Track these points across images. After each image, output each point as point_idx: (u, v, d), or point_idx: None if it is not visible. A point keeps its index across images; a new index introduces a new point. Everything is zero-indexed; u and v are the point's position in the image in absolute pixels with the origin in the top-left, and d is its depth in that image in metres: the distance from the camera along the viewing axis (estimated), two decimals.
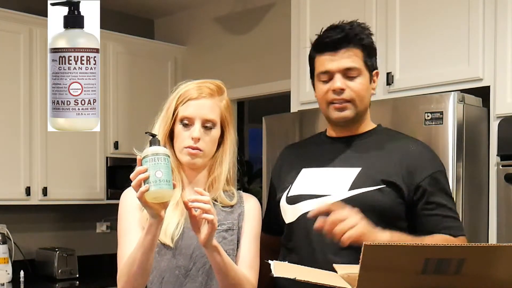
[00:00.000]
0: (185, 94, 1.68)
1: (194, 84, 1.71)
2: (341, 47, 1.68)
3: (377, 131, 1.80)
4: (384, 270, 1.12)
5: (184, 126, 1.66)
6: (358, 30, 1.70)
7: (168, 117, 1.69)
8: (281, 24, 3.78)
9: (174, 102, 1.69)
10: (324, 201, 1.67)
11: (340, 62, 1.68)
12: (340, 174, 1.71)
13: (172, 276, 1.62)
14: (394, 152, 1.72)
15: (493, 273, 1.14)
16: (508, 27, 2.35)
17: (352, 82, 1.68)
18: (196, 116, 1.66)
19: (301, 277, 1.26)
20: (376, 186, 1.66)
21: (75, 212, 4.24)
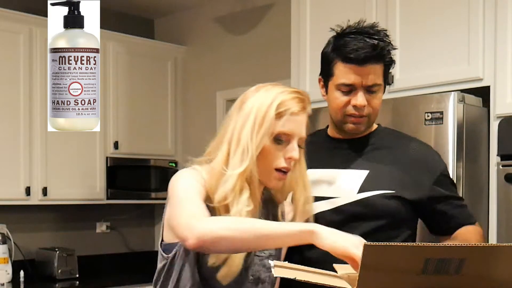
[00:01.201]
0: (286, 104, 1.42)
1: (290, 93, 1.45)
2: (369, 62, 1.63)
3: (379, 132, 1.79)
4: (384, 270, 1.11)
5: (277, 142, 1.42)
6: (384, 44, 1.65)
7: (266, 128, 1.40)
8: (281, 24, 3.77)
9: (271, 111, 1.40)
10: (333, 203, 1.67)
11: (367, 78, 1.63)
12: (348, 177, 1.70)
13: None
14: (400, 155, 1.72)
15: (493, 273, 1.14)
16: (508, 27, 2.35)
17: (372, 98, 1.67)
18: (295, 134, 1.43)
19: (301, 277, 1.26)
20: (384, 190, 1.66)
21: (75, 212, 4.23)
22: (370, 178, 1.68)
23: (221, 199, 1.39)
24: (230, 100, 4.38)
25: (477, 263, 1.11)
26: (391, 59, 1.69)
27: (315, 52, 3.15)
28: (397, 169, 1.69)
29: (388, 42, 1.67)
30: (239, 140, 1.42)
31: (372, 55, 1.62)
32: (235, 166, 1.40)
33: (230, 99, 4.37)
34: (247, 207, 1.39)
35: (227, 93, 4.34)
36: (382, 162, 1.71)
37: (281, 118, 1.42)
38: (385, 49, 1.65)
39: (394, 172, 1.68)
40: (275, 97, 1.43)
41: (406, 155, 1.72)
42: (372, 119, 1.72)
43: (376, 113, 1.72)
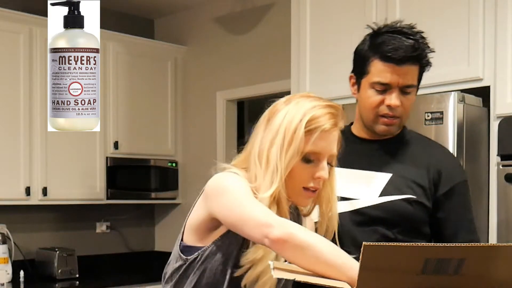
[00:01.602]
0: (316, 121, 1.34)
1: (322, 108, 1.37)
2: (407, 63, 1.62)
3: (405, 135, 1.76)
4: (384, 270, 1.11)
5: (306, 162, 1.35)
6: (424, 46, 1.65)
7: (296, 146, 1.32)
8: (281, 24, 3.77)
9: (301, 129, 1.32)
10: (353, 204, 1.65)
11: (403, 78, 1.62)
12: (370, 178, 1.68)
13: None
14: (423, 160, 1.70)
15: (493, 273, 1.14)
16: (508, 27, 2.35)
17: (405, 99, 1.65)
18: (326, 153, 1.36)
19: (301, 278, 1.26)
20: (405, 195, 1.64)
21: (75, 212, 4.24)
22: (392, 182, 1.66)
23: None
24: (230, 100, 4.38)
25: (477, 263, 1.11)
26: (428, 61, 1.67)
27: (315, 52, 3.16)
28: (418, 175, 1.67)
29: (426, 44, 1.65)
30: (268, 159, 1.35)
31: (411, 56, 1.60)
32: (266, 188, 1.34)
33: (230, 99, 4.38)
34: None
35: (227, 93, 4.34)
36: (406, 166, 1.68)
37: (311, 136, 1.34)
38: (424, 51, 1.63)
39: (416, 178, 1.67)
40: (306, 113, 1.35)
41: (428, 161, 1.70)
42: (404, 121, 1.70)
43: (407, 115, 1.69)
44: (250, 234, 1.28)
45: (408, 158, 1.71)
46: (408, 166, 1.69)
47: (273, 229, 1.21)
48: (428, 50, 1.65)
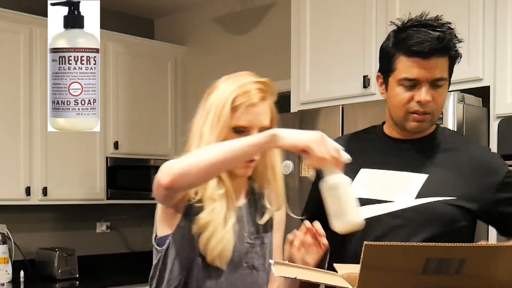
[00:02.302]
0: (242, 97, 1.46)
1: (249, 84, 1.49)
2: (434, 55, 1.55)
3: (439, 133, 1.68)
4: (385, 270, 1.11)
5: (237, 133, 1.47)
6: (450, 36, 1.58)
7: (223, 123, 1.46)
8: (281, 24, 3.78)
9: (228, 104, 1.46)
10: (388, 207, 1.58)
11: (432, 72, 1.55)
12: (405, 180, 1.60)
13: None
14: (460, 159, 1.62)
15: (493, 273, 1.14)
16: (508, 27, 2.36)
17: (437, 94, 1.57)
18: (254, 125, 1.47)
19: (302, 277, 1.26)
20: (444, 197, 1.56)
21: (75, 212, 4.23)
22: (429, 183, 1.58)
23: (193, 191, 1.47)
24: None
25: (478, 263, 1.11)
26: (457, 52, 1.59)
27: (315, 52, 3.17)
28: (458, 174, 1.59)
29: (454, 34, 1.58)
30: (201, 135, 1.49)
31: (437, 48, 1.54)
32: None
33: None
34: (218, 191, 1.47)
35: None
36: (442, 166, 1.60)
37: (237, 111, 1.46)
38: (451, 42, 1.56)
39: (455, 178, 1.58)
40: (233, 90, 1.47)
41: (467, 159, 1.61)
42: (436, 117, 1.61)
43: (440, 111, 1.61)
44: (159, 200, 1.45)
45: (445, 157, 1.62)
46: (445, 166, 1.60)
47: (162, 181, 1.35)
48: (456, 41, 1.58)
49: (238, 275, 1.51)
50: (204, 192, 1.48)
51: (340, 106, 2.71)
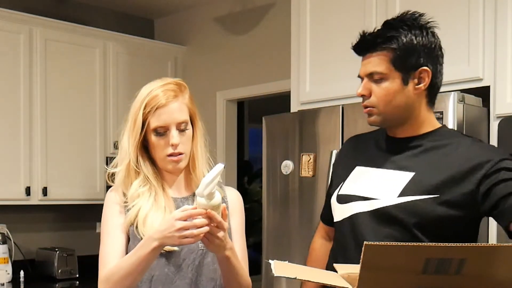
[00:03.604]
0: (151, 102, 1.62)
1: (157, 89, 1.64)
2: (366, 52, 1.65)
3: (436, 134, 1.66)
4: (385, 270, 1.12)
5: (158, 135, 1.63)
6: (380, 32, 1.63)
7: (137, 130, 1.63)
8: (281, 24, 3.78)
9: (140, 112, 1.62)
10: (372, 204, 1.61)
11: (366, 66, 1.64)
12: (391, 177, 1.62)
13: (161, 274, 1.61)
14: (450, 157, 1.59)
15: (493, 273, 1.14)
16: (508, 27, 2.36)
17: (377, 87, 1.62)
18: (170, 123, 1.62)
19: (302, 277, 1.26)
20: (427, 195, 1.55)
21: (75, 212, 4.24)
22: (414, 181, 1.58)
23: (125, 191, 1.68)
24: (230, 100, 4.39)
25: (478, 263, 1.11)
26: (405, 43, 1.60)
27: (315, 52, 3.16)
28: (445, 171, 1.56)
29: (395, 29, 1.62)
30: (122, 145, 1.69)
31: (363, 46, 1.66)
32: (120, 164, 1.70)
33: (230, 99, 4.38)
34: (141, 188, 1.65)
35: (227, 93, 4.34)
36: (430, 164, 1.60)
37: (150, 116, 1.62)
38: (379, 37, 1.62)
39: (441, 175, 1.56)
40: (143, 99, 1.63)
41: (457, 156, 1.58)
42: (383, 109, 1.61)
43: (387, 104, 1.61)
44: None
45: (434, 155, 1.62)
46: (433, 164, 1.59)
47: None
48: (392, 34, 1.62)
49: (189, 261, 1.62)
50: (129, 192, 1.66)
51: (340, 106, 2.71)
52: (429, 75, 1.62)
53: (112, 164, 1.73)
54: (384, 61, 1.61)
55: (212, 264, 1.63)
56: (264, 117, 2.99)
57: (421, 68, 1.61)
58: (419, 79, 1.61)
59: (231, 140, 4.42)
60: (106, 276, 1.57)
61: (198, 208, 1.44)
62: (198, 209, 1.44)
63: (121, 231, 1.64)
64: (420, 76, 1.61)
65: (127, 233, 1.64)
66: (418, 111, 1.64)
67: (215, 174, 1.41)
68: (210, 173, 1.43)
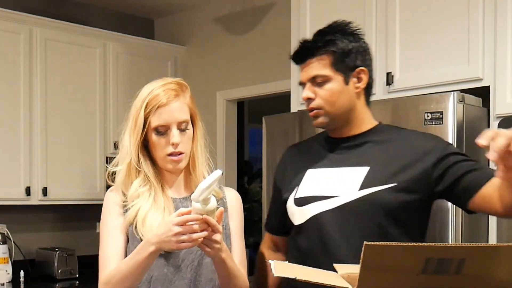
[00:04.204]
0: (152, 101, 1.63)
1: (158, 88, 1.66)
2: (306, 58, 1.72)
3: (379, 129, 1.78)
4: (385, 270, 1.12)
5: (159, 134, 1.64)
6: (319, 39, 1.71)
7: (138, 129, 1.64)
8: (281, 24, 3.78)
9: (142, 112, 1.63)
10: (334, 201, 1.66)
11: (308, 72, 1.72)
12: (347, 174, 1.69)
13: (160, 274, 1.61)
14: (399, 147, 1.70)
15: (494, 273, 1.14)
16: (508, 27, 2.36)
17: (321, 89, 1.70)
18: (171, 122, 1.63)
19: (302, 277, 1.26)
20: (386, 185, 1.64)
21: (75, 212, 4.24)
22: (371, 174, 1.66)
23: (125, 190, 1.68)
24: (230, 100, 4.39)
25: (477, 263, 1.11)
26: (342, 47, 1.70)
27: None
28: (397, 162, 1.66)
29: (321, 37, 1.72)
30: (123, 144, 1.69)
31: (304, 52, 1.72)
32: (121, 163, 1.70)
33: (230, 99, 4.38)
34: (141, 188, 1.65)
35: (227, 93, 4.34)
36: (383, 157, 1.69)
37: (151, 115, 1.62)
38: (319, 42, 1.71)
39: (395, 166, 1.66)
40: (144, 99, 1.64)
41: (403, 146, 1.69)
42: (329, 110, 1.71)
43: (333, 104, 1.70)
44: None
45: (384, 148, 1.71)
46: (385, 157, 1.69)
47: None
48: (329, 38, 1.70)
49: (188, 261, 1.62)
50: (128, 192, 1.66)
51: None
52: (366, 75, 1.73)
53: (113, 163, 1.72)
54: (325, 64, 1.70)
55: (211, 265, 1.62)
56: (264, 117, 2.99)
57: (359, 69, 1.72)
58: (358, 78, 1.72)
59: (231, 140, 4.42)
60: (107, 279, 1.58)
61: (193, 213, 1.44)
62: (194, 215, 1.44)
63: (121, 232, 1.64)
64: (359, 76, 1.72)
65: (126, 233, 1.64)
66: (359, 109, 1.75)
67: (212, 181, 1.41)
68: (207, 179, 1.42)
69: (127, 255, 1.61)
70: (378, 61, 2.75)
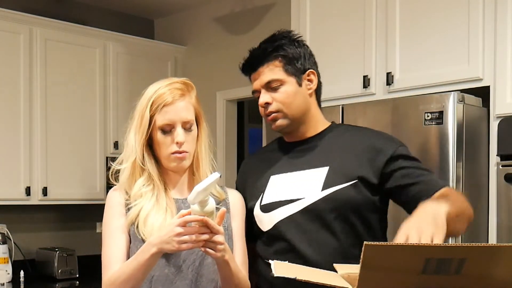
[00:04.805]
0: (158, 100, 1.63)
1: (164, 87, 1.66)
2: (257, 66, 1.76)
3: (332, 129, 1.82)
4: (385, 269, 1.12)
5: (164, 133, 1.64)
6: (268, 45, 1.76)
7: (144, 127, 1.64)
8: (281, 24, 3.76)
9: (147, 110, 1.64)
10: (299, 204, 1.69)
11: (261, 79, 1.75)
12: (309, 176, 1.72)
13: (162, 275, 1.61)
14: (356, 146, 1.73)
15: (494, 273, 1.14)
16: (508, 27, 2.36)
17: (277, 93, 1.73)
18: (176, 121, 1.63)
19: (302, 277, 1.26)
20: (347, 183, 1.67)
21: (75, 212, 4.24)
22: (331, 174, 1.69)
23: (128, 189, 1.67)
24: (230, 100, 4.38)
25: (478, 263, 1.11)
26: (290, 52, 1.75)
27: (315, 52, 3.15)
28: (354, 160, 1.70)
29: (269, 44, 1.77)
30: (128, 142, 1.69)
31: (255, 60, 1.77)
32: (126, 161, 1.69)
33: (230, 99, 4.38)
34: (145, 188, 1.65)
35: (227, 93, 4.34)
36: (339, 156, 1.72)
37: (157, 114, 1.63)
38: (268, 48, 1.76)
39: (353, 163, 1.70)
40: (150, 97, 1.65)
41: (358, 144, 1.73)
42: (287, 112, 1.74)
43: (289, 105, 1.73)
44: None
45: (340, 147, 1.74)
46: (342, 155, 1.72)
47: None
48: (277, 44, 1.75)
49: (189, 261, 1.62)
50: (132, 191, 1.66)
51: (340, 106, 2.71)
52: (316, 77, 1.79)
53: (117, 161, 1.71)
54: (277, 69, 1.75)
55: (212, 265, 1.62)
56: None
57: (309, 71, 1.78)
58: (309, 80, 1.78)
59: (231, 140, 4.42)
60: (110, 281, 1.58)
61: (193, 215, 1.44)
62: (194, 216, 1.44)
63: (123, 232, 1.64)
64: (309, 78, 1.78)
65: (129, 233, 1.64)
66: (313, 111, 1.79)
67: (208, 183, 1.40)
68: (203, 181, 1.42)
69: (129, 255, 1.61)
70: (378, 61, 2.75)
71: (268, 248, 1.76)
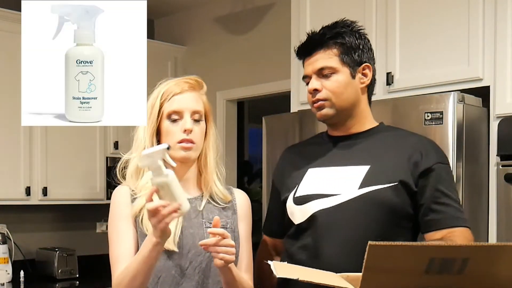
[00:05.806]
0: (168, 90, 1.66)
1: (174, 80, 1.70)
2: (313, 50, 1.74)
3: (380, 129, 1.78)
4: (388, 270, 1.12)
5: (172, 121, 1.64)
6: (327, 31, 1.74)
7: (153, 116, 1.66)
8: (281, 24, 3.78)
9: (158, 100, 1.66)
10: (334, 199, 1.66)
11: (314, 64, 1.72)
12: (348, 173, 1.69)
13: (168, 276, 1.61)
14: (401, 149, 1.70)
15: (497, 273, 1.14)
16: (508, 27, 2.36)
17: (328, 81, 1.70)
18: (184, 109, 1.65)
19: (304, 278, 1.27)
20: (387, 184, 1.64)
21: (75, 212, 4.24)
22: (371, 173, 1.66)
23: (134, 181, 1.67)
24: (230, 100, 4.39)
25: (481, 263, 1.11)
26: (348, 41, 1.72)
27: None
28: (399, 163, 1.66)
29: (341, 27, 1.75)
30: (138, 135, 1.69)
31: (312, 44, 1.75)
32: (135, 152, 1.68)
33: (230, 99, 4.38)
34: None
35: (227, 93, 4.34)
36: (383, 156, 1.69)
37: (166, 102, 1.65)
38: (327, 34, 1.73)
39: (396, 166, 1.66)
40: (160, 90, 1.67)
41: (406, 148, 1.69)
42: (335, 102, 1.71)
43: (339, 96, 1.70)
44: None
45: (385, 148, 1.72)
46: (386, 157, 1.69)
47: None
48: (343, 30, 1.73)
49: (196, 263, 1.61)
50: (138, 183, 1.66)
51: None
52: (371, 71, 1.76)
53: (128, 153, 1.72)
54: (333, 56, 1.72)
55: None
56: (264, 117, 2.99)
57: (365, 64, 1.74)
58: (363, 74, 1.74)
59: (231, 140, 4.42)
60: (118, 281, 1.59)
61: (152, 183, 1.42)
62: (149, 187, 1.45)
63: (131, 229, 1.63)
64: (364, 72, 1.74)
65: (135, 226, 1.63)
66: (363, 106, 1.76)
67: (154, 150, 1.40)
68: (152, 147, 1.44)
69: None
70: (378, 61, 2.75)
71: (296, 241, 1.73)
